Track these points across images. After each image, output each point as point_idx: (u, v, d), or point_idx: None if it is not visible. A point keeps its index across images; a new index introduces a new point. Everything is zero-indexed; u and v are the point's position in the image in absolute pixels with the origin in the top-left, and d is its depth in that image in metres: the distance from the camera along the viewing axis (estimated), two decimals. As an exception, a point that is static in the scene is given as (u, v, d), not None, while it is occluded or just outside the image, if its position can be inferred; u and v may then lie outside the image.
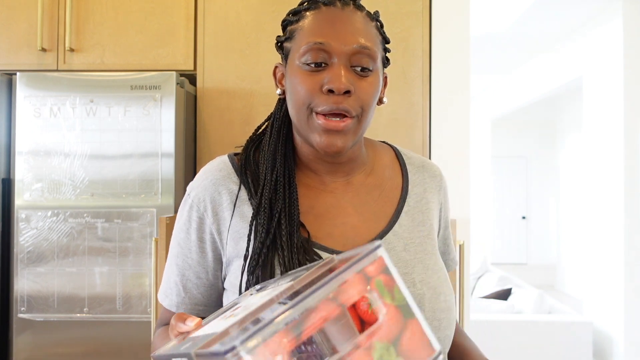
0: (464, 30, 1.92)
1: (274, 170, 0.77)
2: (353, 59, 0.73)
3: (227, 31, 1.90)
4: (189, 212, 0.80)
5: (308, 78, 0.73)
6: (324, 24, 0.73)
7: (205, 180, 0.80)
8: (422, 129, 1.88)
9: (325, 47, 0.72)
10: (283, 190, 0.76)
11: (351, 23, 0.73)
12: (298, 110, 0.74)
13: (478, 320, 3.59)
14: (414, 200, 0.84)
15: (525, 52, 5.31)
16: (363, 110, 0.74)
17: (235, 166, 0.81)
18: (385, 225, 0.80)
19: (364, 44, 0.72)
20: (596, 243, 4.14)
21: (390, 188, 0.84)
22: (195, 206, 0.79)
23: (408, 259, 0.78)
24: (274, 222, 0.74)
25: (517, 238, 8.37)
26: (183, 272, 0.81)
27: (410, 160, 0.89)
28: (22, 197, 1.68)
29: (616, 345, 3.83)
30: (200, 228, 0.79)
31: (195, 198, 0.80)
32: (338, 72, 0.71)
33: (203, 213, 0.79)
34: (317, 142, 0.74)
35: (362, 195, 0.82)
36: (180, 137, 1.75)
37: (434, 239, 0.84)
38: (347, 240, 0.77)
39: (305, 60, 0.73)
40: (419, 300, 0.74)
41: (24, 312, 1.67)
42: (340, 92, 0.70)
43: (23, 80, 1.70)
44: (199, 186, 0.80)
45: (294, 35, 0.77)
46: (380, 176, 0.85)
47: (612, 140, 3.86)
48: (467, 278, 1.64)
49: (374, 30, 0.76)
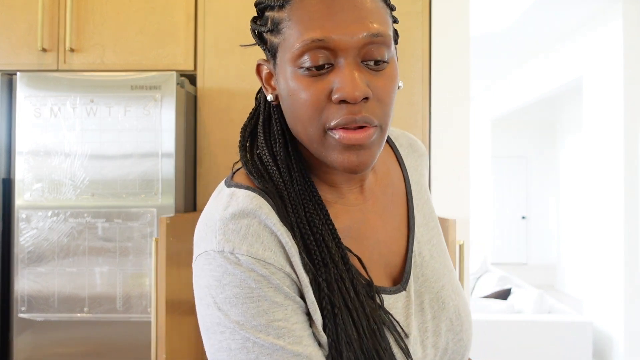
0: (464, 30, 1.92)
1: (293, 182, 0.62)
2: (364, 53, 0.56)
3: (227, 31, 1.90)
4: (255, 271, 0.56)
5: (311, 86, 0.57)
6: (320, 10, 0.56)
7: (253, 226, 0.57)
8: (422, 129, 1.88)
9: (327, 44, 0.55)
10: (313, 207, 0.61)
11: (355, 5, 0.56)
12: (305, 128, 0.59)
13: (478, 320, 3.59)
14: (417, 191, 0.75)
15: (525, 52, 5.31)
16: (385, 115, 0.58)
17: (263, 196, 0.60)
18: (407, 232, 0.70)
19: (376, 31, 0.56)
20: (596, 243, 4.14)
21: (397, 183, 0.73)
22: (261, 261, 0.56)
23: (438, 268, 0.70)
24: (323, 248, 0.58)
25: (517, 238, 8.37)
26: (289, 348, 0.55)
27: (398, 140, 0.77)
28: (23, 197, 1.68)
29: (616, 345, 3.83)
30: (280, 288, 0.56)
31: (252, 251, 0.56)
32: (349, 76, 0.55)
33: (268, 267, 0.56)
34: (338, 162, 0.58)
35: (381, 200, 0.70)
36: (180, 137, 1.75)
37: (440, 228, 0.77)
38: (388, 265, 0.66)
39: (303, 64, 0.56)
40: (458, 313, 0.67)
41: (24, 312, 1.67)
42: (356, 100, 0.55)
43: (23, 80, 1.70)
44: (245, 236, 0.57)
45: (280, 28, 0.59)
46: (385, 169, 0.73)
47: (612, 140, 3.86)
48: (467, 278, 1.64)
49: (381, 4, 0.59)
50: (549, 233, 8.06)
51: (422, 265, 0.69)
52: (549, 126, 7.80)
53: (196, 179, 1.92)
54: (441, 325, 0.65)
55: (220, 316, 0.55)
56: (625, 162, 3.72)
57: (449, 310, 0.67)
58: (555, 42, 4.87)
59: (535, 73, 5.47)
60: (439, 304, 0.66)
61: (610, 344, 3.90)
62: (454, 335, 0.66)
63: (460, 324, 0.67)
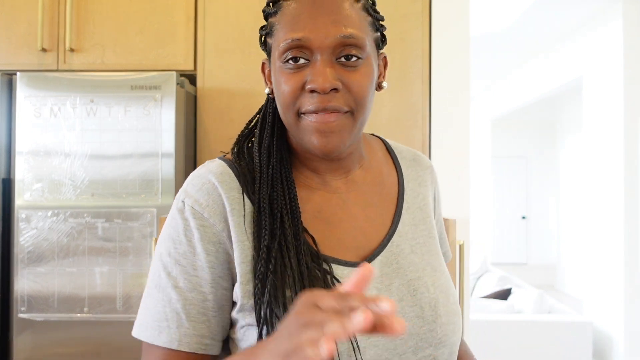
0: (464, 30, 1.92)
1: (270, 165, 0.72)
2: (338, 51, 0.67)
3: (227, 31, 1.90)
4: (188, 221, 0.69)
5: (290, 78, 0.67)
6: (302, 15, 0.66)
7: (205, 184, 0.71)
8: (422, 129, 1.88)
9: (304, 43, 0.66)
10: (282, 187, 0.71)
11: (332, 10, 0.66)
12: (285, 114, 0.70)
13: (478, 320, 3.59)
14: (411, 196, 0.82)
15: (525, 52, 5.31)
16: (357, 104, 0.68)
17: (231, 167, 0.73)
18: (390, 226, 0.77)
19: (347, 33, 0.66)
20: (596, 243, 4.14)
21: (389, 185, 0.81)
22: (198, 213, 0.69)
23: (417, 262, 0.75)
24: (277, 222, 0.68)
25: (517, 238, 8.37)
26: (185, 295, 0.67)
27: (401, 154, 0.86)
28: (23, 197, 1.68)
29: (616, 345, 3.83)
30: (204, 238, 0.68)
31: (196, 204, 0.69)
32: (320, 70, 0.65)
33: (204, 220, 0.68)
34: (311, 145, 0.69)
35: (366, 194, 0.78)
36: (180, 137, 1.75)
37: (435, 237, 0.83)
38: (358, 243, 0.73)
39: (285, 59, 0.67)
40: (434, 305, 0.71)
41: (24, 312, 1.67)
42: (325, 91, 0.65)
43: (23, 80, 1.70)
44: (199, 190, 0.70)
45: (273, 30, 0.70)
46: (377, 171, 0.81)
47: (612, 140, 3.86)
48: (467, 278, 1.64)
49: (360, 13, 0.69)
50: (549, 233, 8.06)
51: (399, 255, 0.74)
52: (549, 126, 7.81)
53: (196, 179, 1.92)
54: (407, 309, 0.70)
55: (157, 246, 0.73)
56: (625, 162, 3.72)
57: (422, 300, 0.71)
58: (555, 42, 4.87)
59: (535, 73, 5.47)
60: (410, 290, 0.71)
61: (610, 344, 3.90)
62: (424, 323, 0.70)
63: (434, 316, 0.71)
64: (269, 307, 0.63)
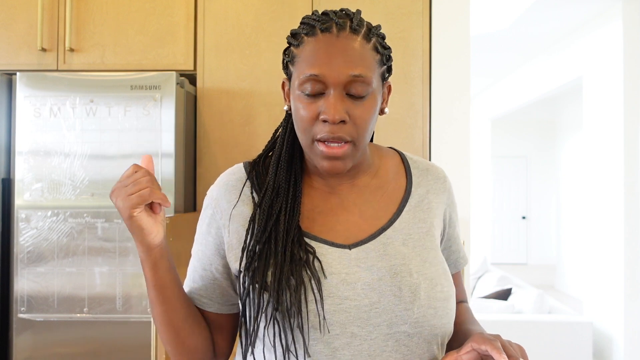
0: (464, 30, 1.92)
1: (277, 174, 0.86)
2: (348, 87, 0.78)
3: (227, 31, 1.90)
4: (205, 209, 0.90)
5: (308, 106, 0.79)
6: (320, 54, 0.79)
7: (221, 181, 0.90)
8: (422, 129, 1.88)
9: (321, 79, 0.78)
10: (286, 191, 0.84)
11: (345, 52, 0.78)
12: (302, 136, 0.82)
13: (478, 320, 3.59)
14: (416, 200, 0.89)
15: (525, 52, 5.31)
16: (359, 135, 0.80)
17: (247, 169, 0.90)
18: (386, 222, 0.86)
19: (357, 74, 0.78)
20: (596, 243, 4.14)
21: (393, 189, 0.90)
22: (210, 204, 0.89)
23: (406, 252, 0.83)
24: (271, 220, 0.82)
25: (517, 238, 8.37)
26: (194, 264, 0.90)
27: (415, 164, 0.95)
28: (22, 197, 1.68)
29: (616, 345, 3.83)
30: (210, 223, 0.88)
31: (209, 197, 0.90)
32: (332, 103, 0.77)
33: (214, 209, 0.88)
34: (320, 166, 0.81)
35: (366, 195, 0.88)
36: (180, 137, 1.75)
37: (434, 236, 0.88)
38: (350, 234, 0.84)
39: (304, 90, 0.79)
40: (415, 289, 0.79)
41: (24, 312, 1.67)
42: (335, 122, 0.77)
43: (23, 80, 1.70)
44: (216, 185, 0.90)
45: (294, 61, 0.82)
46: (384, 178, 0.91)
47: (612, 140, 3.86)
48: (467, 278, 1.64)
49: (370, 53, 0.81)
50: (549, 233, 8.07)
51: (388, 245, 0.83)
52: (549, 126, 7.81)
53: (196, 179, 1.92)
54: (384, 287, 0.79)
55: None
56: (626, 162, 3.72)
57: (401, 282, 0.80)
58: (555, 42, 4.88)
59: (535, 73, 5.47)
60: (391, 273, 0.80)
61: (610, 344, 3.90)
62: (399, 302, 0.79)
63: (412, 298, 0.79)
64: (252, 281, 0.79)
